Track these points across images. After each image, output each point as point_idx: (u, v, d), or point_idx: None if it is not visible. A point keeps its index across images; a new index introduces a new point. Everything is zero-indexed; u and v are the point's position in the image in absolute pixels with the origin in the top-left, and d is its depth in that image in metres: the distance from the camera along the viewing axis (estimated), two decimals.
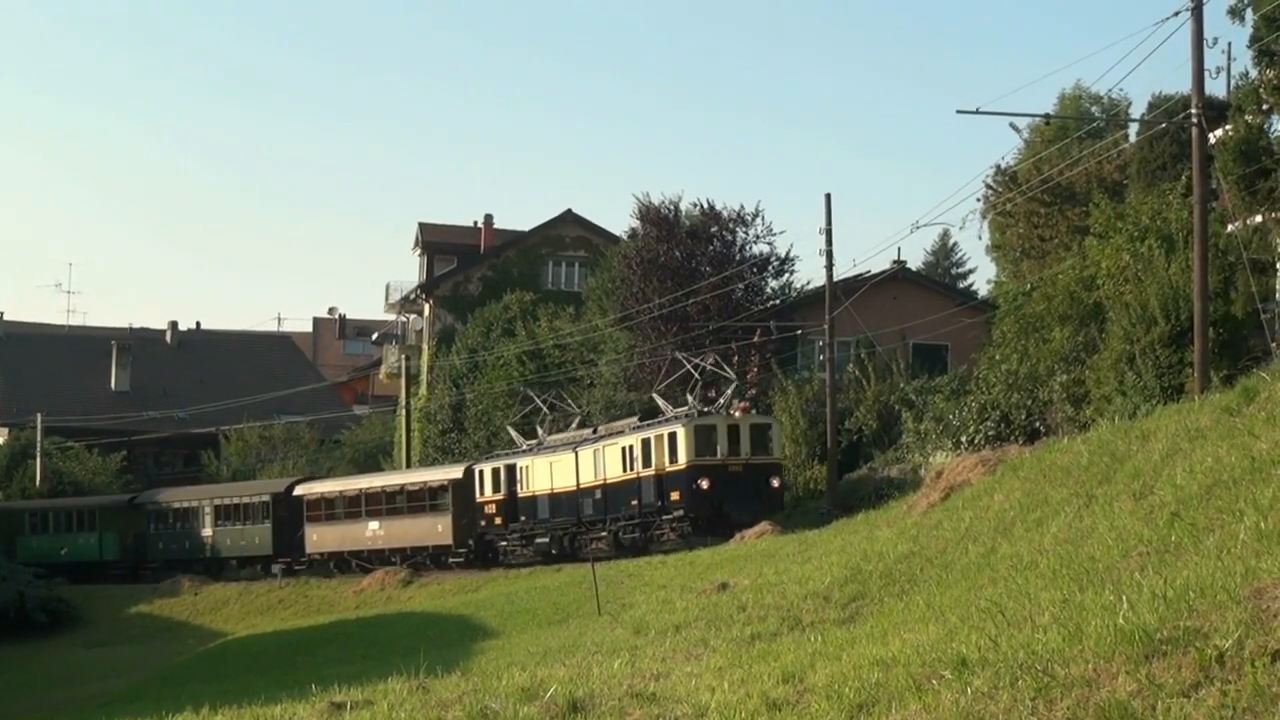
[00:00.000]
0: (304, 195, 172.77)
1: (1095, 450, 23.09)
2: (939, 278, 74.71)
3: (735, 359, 44.27)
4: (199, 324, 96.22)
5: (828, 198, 40.92)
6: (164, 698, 26.38)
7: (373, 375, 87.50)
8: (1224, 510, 14.02)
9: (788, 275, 49.99)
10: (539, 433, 46.85)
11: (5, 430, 73.80)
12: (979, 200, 48.31)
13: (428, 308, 69.40)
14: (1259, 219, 34.67)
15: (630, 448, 40.29)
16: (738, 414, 39.21)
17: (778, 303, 48.70)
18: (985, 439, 35.73)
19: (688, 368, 41.66)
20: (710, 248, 48.73)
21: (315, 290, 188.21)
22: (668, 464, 38.80)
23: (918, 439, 39.56)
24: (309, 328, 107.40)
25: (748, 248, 49.08)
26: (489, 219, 72.01)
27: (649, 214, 49.46)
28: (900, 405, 41.55)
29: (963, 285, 75.63)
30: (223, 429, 75.03)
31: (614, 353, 50.12)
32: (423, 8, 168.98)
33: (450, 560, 48.02)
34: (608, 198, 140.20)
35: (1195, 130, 28.45)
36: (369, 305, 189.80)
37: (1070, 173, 44.92)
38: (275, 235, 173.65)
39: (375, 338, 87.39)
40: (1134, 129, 47.11)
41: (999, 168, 49.49)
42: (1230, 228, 33.24)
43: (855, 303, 43.07)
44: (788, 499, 40.43)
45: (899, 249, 66.36)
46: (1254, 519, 12.67)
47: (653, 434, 39.46)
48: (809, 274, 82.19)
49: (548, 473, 43.93)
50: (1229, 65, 41.08)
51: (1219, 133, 34.81)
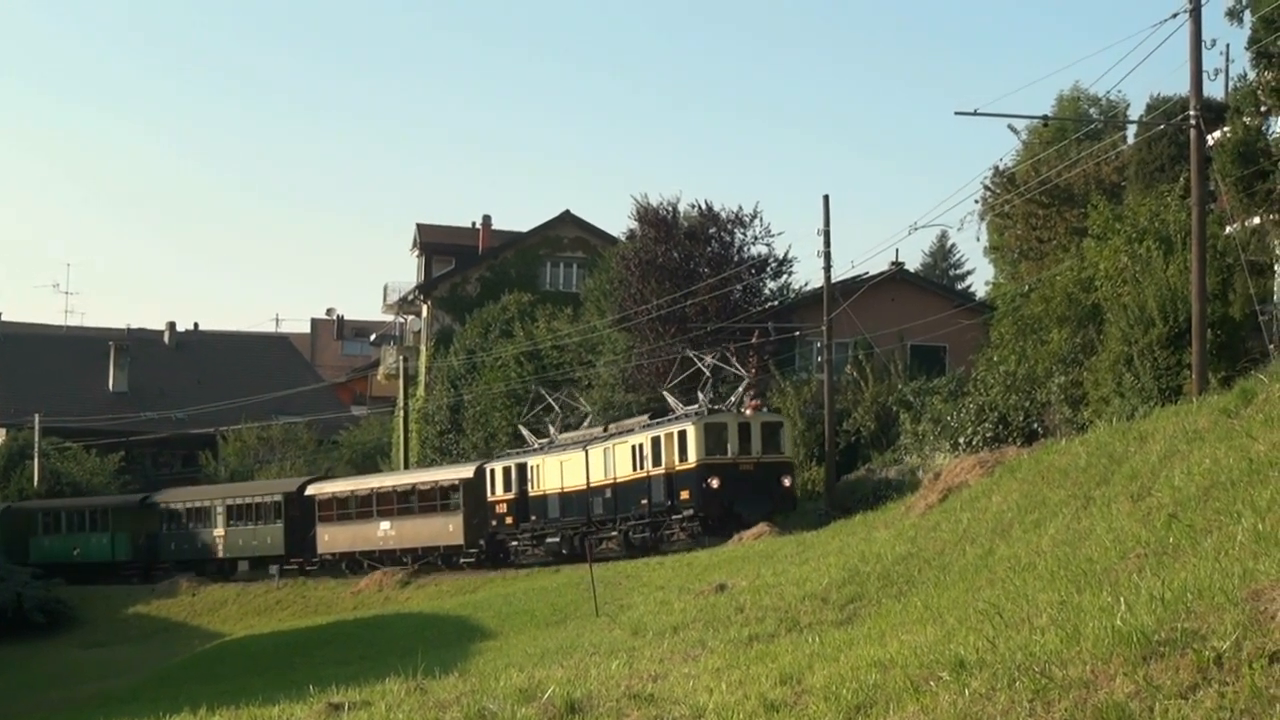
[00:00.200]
0: (302, 196, 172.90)
1: (1093, 452, 23.10)
2: (937, 279, 74.72)
3: (734, 360, 44.23)
4: (197, 325, 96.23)
5: (826, 199, 40.99)
6: (161, 698, 26.40)
7: (371, 376, 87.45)
8: (1222, 512, 14.02)
9: (786, 276, 50.12)
10: (550, 431, 46.44)
11: (3, 431, 73.71)
12: (977, 201, 48.27)
13: (426, 308, 69.39)
14: (1257, 221, 34.66)
15: (640, 446, 39.87)
16: (749, 412, 38.84)
17: (776, 304, 48.70)
18: (983, 440, 35.74)
19: (699, 365, 41.19)
20: (708, 249, 48.73)
21: (313, 291, 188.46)
22: (677, 463, 38.38)
23: (916, 440, 39.56)
24: (307, 328, 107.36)
25: (746, 249, 49.12)
26: (487, 220, 72.08)
27: (647, 215, 49.46)
28: (898, 406, 41.56)
29: (961, 287, 75.57)
30: (221, 430, 74.98)
31: (612, 354, 50.10)
32: (421, 8, 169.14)
33: (461, 560, 47.41)
34: (606, 199, 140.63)
35: (1193, 132, 28.46)
36: (367, 306, 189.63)
37: (1068, 174, 44.91)
38: (273, 236, 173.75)
39: (373, 339, 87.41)
40: (1132, 131, 47.13)
41: (997, 169, 49.45)
42: (1228, 229, 33.25)
43: (853, 304, 43.07)
44: None
45: (897, 250, 66.74)
46: (1252, 521, 12.67)
47: (662, 432, 39.07)
48: (807, 275, 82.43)
49: (558, 471, 43.48)
50: (1227, 67, 41.13)
51: (1217, 134, 34.80)
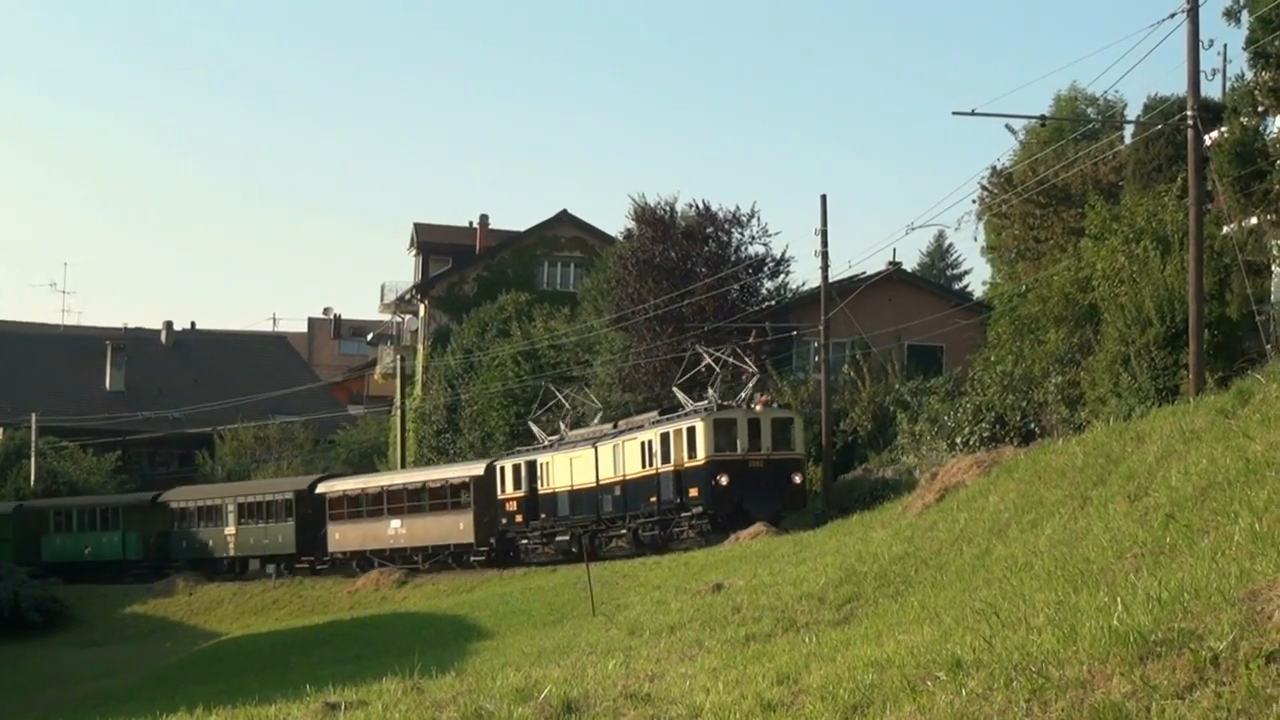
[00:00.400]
0: (299, 195, 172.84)
1: (1090, 452, 23.10)
2: (934, 279, 74.72)
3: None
4: (194, 324, 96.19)
5: (823, 199, 40.98)
6: (158, 698, 26.38)
7: (368, 375, 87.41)
8: (1219, 512, 14.02)
9: (783, 276, 50.11)
10: (560, 428, 46.03)
11: (0, 430, 73.71)
12: (974, 201, 48.32)
13: (423, 308, 69.37)
14: (1254, 221, 34.67)
15: (649, 443, 39.42)
16: (759, 408, 38.38)
17: (773, 304, 48.70)
18: (980, 440, 35.74)
19: (709, 361, 40.76)
20: (705, 248, 48.74)
21: (310, 290, 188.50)
22: (687, 459, 37.93)
23: (913, 440, 39.55)
24: (304, 328, 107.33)
25: (743, 249, 49.13)
26: (484, 219, 72.09)
27: (644, 215, 49.47)
28: (895, 406, 41.57)
29: (958, 286, 75.62)
30: (217, 429, 74.98)
31: (609, 353, 50.09)
32: (418, 8, 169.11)
33: (472, 559, 46.91)
34: (603, 198, 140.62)
35: (1191, 132, 28.50)
36: (364, 305, 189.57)
37: (1066, 174, 44.91)
38: (270, 235, 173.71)
39: (370, 338, 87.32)
40: (1130, 131, 47.10)
41: (994, 169, 49.44)
42: (1225, 230, 33.28)
43: (850, 304, 43.08)
44: None
45: (894, 250, 66.61)
46: (1248, 521, 12.67)
47: (671, 429, 38.61)
48: (804, 275, 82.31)
49: (568, 469, 43.03)
50: (1225, 67, 41.22)
51: (1214, 135, 34.81)
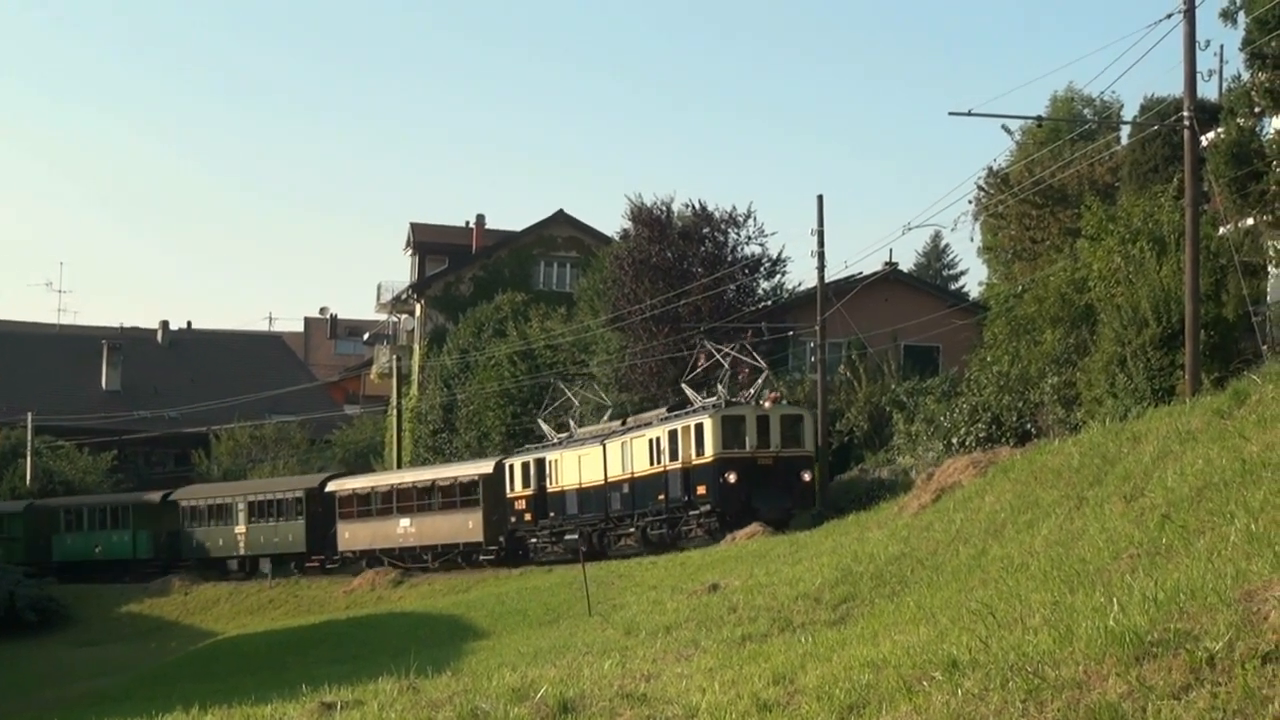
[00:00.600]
0: (296, 195, 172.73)
1: (1086, 452, 23.11)
2: (931, 279, 74.80)
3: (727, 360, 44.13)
4: (190, 323, 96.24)
5: (819, 199, 40.98)
6: (154, 697, 26.38)
7: (364, 375, 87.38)
8: (1215, 512, 14.02)
9: (779, 276, 50.06)
10: (570, 425, 45.72)
11: None
12: (971, 202, 48.50)
13: (419, 308, 69.34)
14: (1250, 222, 34.68)
15: (657, 440, 38.96)
16: (768, 404, 37.82)
17: (769, 304, 48.70)
18: (976, 441, 35.76)
19: (717, 358, 40.40)
20: (702, 249, 48.71)
21: (306, 290, 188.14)
22: (694, 457, 37.39)
23: (909, 441, 39.55)
24: (300, 327, 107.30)
25: (739, 249, 49.12)
26: (481, 219, 72.04)
27: (641, 215, 49.45)
28: (891, 407, 41.58)
29: (954, 287, 75.72)
30: (213, 429, 74.94)
31: (605, 354, 50.07)
32: (414, 8, 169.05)
33: (481, 558, 46.54)
34: (600, 198, 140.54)
35: (1187, 133, 28.51)
36: (360, 305, 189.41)
37: (1062, 175, 44.92)
38: (267, 234, 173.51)
39: (366, 338, 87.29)
40: (1126, 131, 47.14)
41: (991, 169, 49.51)
42: (1222, 230, 33.27)
43: (847, 304, 43.08)
44: None
45: (891, 250, 66.43)
46: (1244, 521, 12.67)
47: (679, 425, 38.11)
48: (801, 275, 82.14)
49: (576, 467, 42.60)
50: (1221, 68, 41.19)
51: (1211, 135, 34.82)
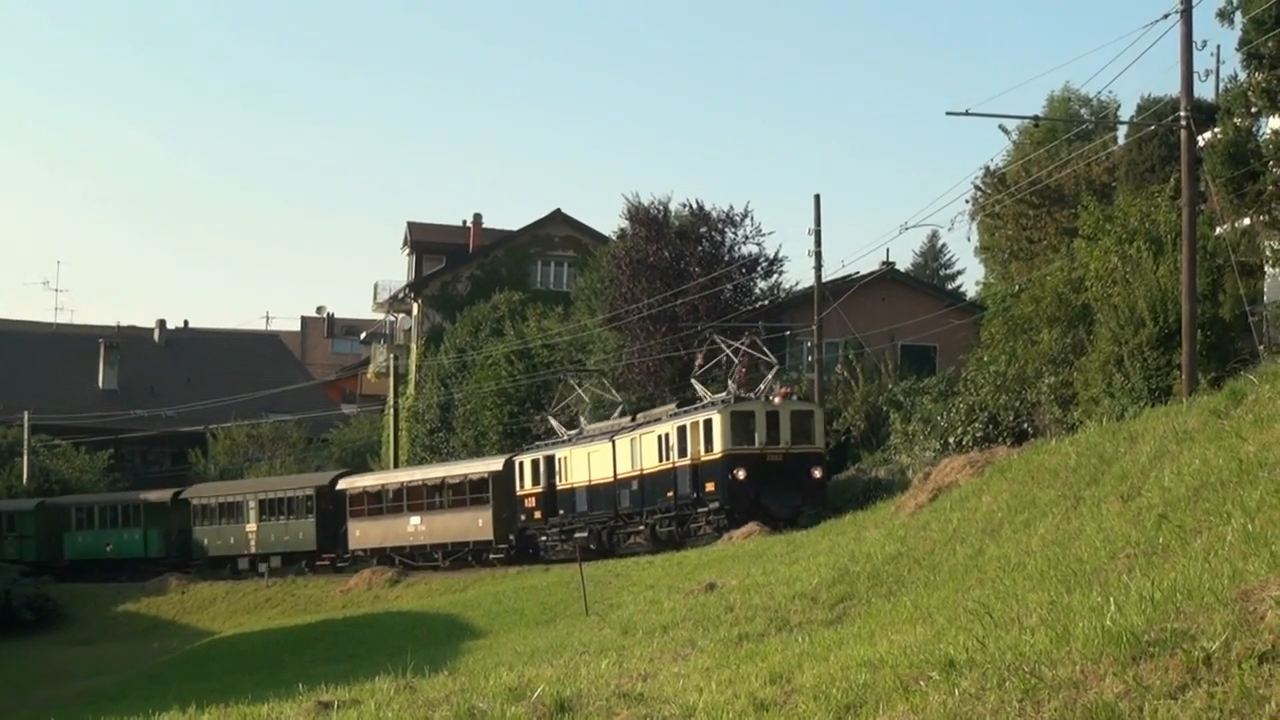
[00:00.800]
0: (293, 194, 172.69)
1: (1083, 452, 23.10)
2: (928, 279, 74.90)
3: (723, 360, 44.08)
4: (187, 322, 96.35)
5: (816, 198, 41.11)
6: (150, 696, 26.36)
7: (361, 374, 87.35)
8: (1211, 512, 14.01)
9: (776, 276, 50.09)
10: (581, 421, 45.20)
11: None
12: (968, 202, 48.48)
13: (416, 307, 69.33)
14: (1247, 222, 34.69)
15: (666, 436, 38.36)
16: (777, 400, 37.18)
17: (766, 303, 48.70)
18: (973, 440, 35.77)
19: (726, 353, 39.95)
20: (699, 248, 48.75)
21: (303, 289, 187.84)
22: (703, 453, 36.83)
23: (906, 440, 39.54)
24: (297, 327, 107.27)
25: (736, 248, 49.15)
26: (478, 218, 72.02)
27: (638, 214, 49.47)
28: (888, 406, 41.57)
29: (951, 287, 75.84)
30: (210, 428, 74.98)
31: (602, 353, 50.07)
32: (412, 8, 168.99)
33: (491, 557, 46.09)
34: (597, 198, 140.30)
35: (1184, 133, 28.52)
36: (357, 304, 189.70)
37: (1059, 175, 44.97)
38: (264, 233, 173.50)
39: (363, 337, 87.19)
40: (1123, 131, 47.19)
41: (988, 169, 49.58)
42: (1218, 230, 33.29)
43: (844, 304, 43.11)
44: None
45: (888, 250, 66.46)
46: (1241, 521, 12.67)
47: (688, 421, 37.52)
48: (798, 274, 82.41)
49: (585, 464, 42.02)
50: (1218, 68, 41.11)
51: (1208, 135, 34.83)
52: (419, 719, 12.81)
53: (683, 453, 37.57)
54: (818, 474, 37.03)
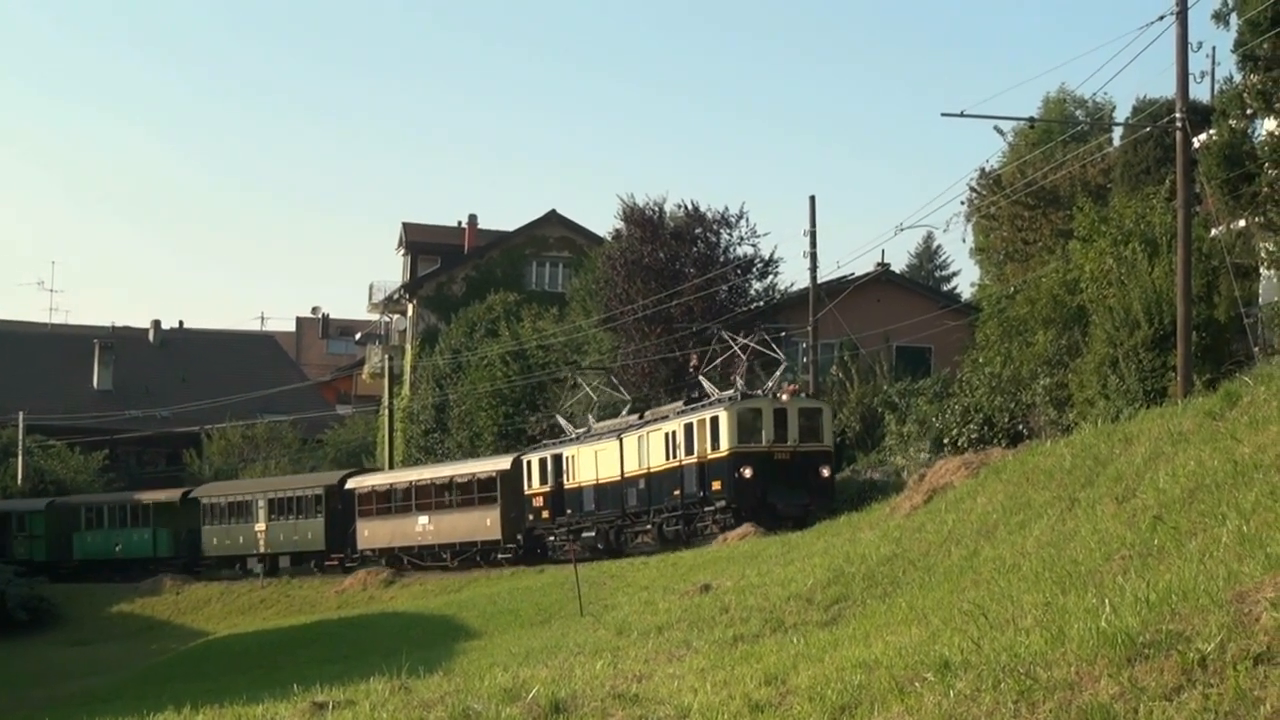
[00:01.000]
0: (288, 194, 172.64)
1: (1078, 453, 23.10)
2: (923, 280, 74.95)
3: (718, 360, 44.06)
4: (182, 323, 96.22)
5: (812, 199, 41.27)
6: (145, 697, 26.33)
7: (356, 375, 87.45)
8: (1206, 514, 14.02)
9: (771, 277, 50.10)
10: (588, 419, 44.85)
11: None
12: (963, 203, 48.45)
13: (411, 308, 69.34)
14: (1242, 223, 34.74)
15: (673, 434, 37.86)
16: (785, 397, 36.74)
17: (761, 304, 48.72)
18: (968, 441, 35.75)
19: (735, 349, 39.49)
20: (694, 249, 48.75)
21: (298, 289, 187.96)
22: (710, 451, 36.27)
23: (901, 441, 39.55)
24: (292, 327, 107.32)
25: (732, 249, 49.15)
26: (473, 219, 72.07)
27: (633, 215, 49.47)
28: (883, 407, 41.56)
29: (946, 288, 75.76)
30: (205, 428, 74.96)
31: (597, 354, 50.07)
32: (409, 8, 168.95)
33: (499, 556, 45.68)
34: (592, 199, 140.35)
35: (1179, 134, 28.55)
36: (352, 305, 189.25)
37: (1054, 176, 44.99)
38: (259, 234, 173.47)
39: (358, 337, 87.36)
40: (1118, 133, 47.25)
41: (983, 171, 49.63)
42: (1214, 232, 33.32)
43: (839, 305, 43.12)
44: None
45: (883, 251, 66.88)
46: (1236, 523, 12.68)
47: (695, 419, 37.03)
48: (793, 275, 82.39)
49: (593, 462, 41.53)
50: (1213, 70, 41.15)
51: (1203, 137, 34.86)
52: (414, 719, 12.80)
53: (689, 451, 37.10)
54: (826, 472, 36.51)
